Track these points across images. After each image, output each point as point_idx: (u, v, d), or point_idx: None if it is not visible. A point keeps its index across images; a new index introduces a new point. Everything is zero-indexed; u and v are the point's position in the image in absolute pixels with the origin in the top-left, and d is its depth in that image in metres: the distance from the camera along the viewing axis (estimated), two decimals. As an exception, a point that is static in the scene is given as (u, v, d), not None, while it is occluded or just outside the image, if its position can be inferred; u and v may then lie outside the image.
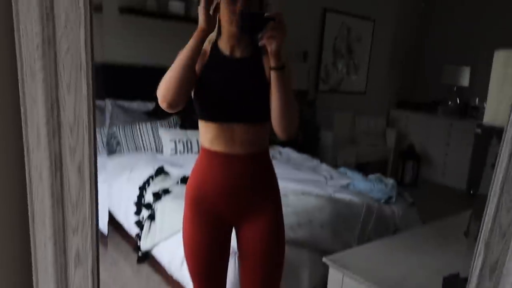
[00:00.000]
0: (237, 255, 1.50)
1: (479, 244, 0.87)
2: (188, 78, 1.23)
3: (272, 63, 1.21)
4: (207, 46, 1.31)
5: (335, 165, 3.80)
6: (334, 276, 1.55)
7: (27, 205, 0.69)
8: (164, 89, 1.22)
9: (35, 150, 0.66)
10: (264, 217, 1.38)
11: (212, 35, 1.30)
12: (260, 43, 1.19)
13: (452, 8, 5.41)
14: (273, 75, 1.22)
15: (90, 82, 0.65)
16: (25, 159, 0.68)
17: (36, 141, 0.66)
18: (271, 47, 1.17)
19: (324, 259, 1.58)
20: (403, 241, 1.81)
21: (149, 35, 3.36)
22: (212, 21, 1.21)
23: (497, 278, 0.88)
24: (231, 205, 1.36)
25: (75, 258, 0.71)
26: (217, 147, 1.31)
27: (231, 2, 1.22)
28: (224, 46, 1.30)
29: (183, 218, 1.41)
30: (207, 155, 1.35)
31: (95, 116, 0.68)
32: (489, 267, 0.87)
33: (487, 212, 0.84)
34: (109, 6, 3.12)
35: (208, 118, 1.31)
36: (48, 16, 0.61)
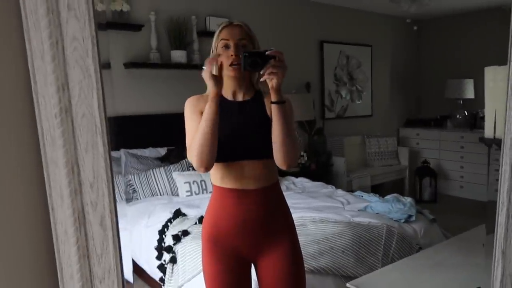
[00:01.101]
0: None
1: (496, 254, 0.88)
2: (216, 141, 1.28)
3: (273, 98, 1.28)
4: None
5: (350, 190, 3.79)
6: (360, 302, 1.53)
7: (55, 261, 0.74)
8: (199, 157, 1.26)
9: (59, 208, 0.71)
10: (281, 249, 1.41)
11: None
12: (261, 79, 1.28)
13: (441, 28, 5.55)
14: (274, 109, 1.29)
15: (106, 140, 0.71)
16: (50, 217, 0.73)
17: (60, 200, 0.71)
18: (272, 83, 1.25)
19: (348, 284, 1.57)
20: (426, 259, 1.79)
21: (154, 84, 3.50)
22: (220, 81, 1.28)
23: (519, 286, 0.88)
24: (247, 240, 1.39)
25: (104, 308, 0.74)
26: (228, 184, 1.37)
27: (225, 49, 1.33)
28: (226, 93, 1.39)
29: (202, 257, 1.44)
30: (220, 193, 1.39)
31: (112, 170, 0.74)
32: (509, 276, 0.88)
33: (499, 221, 0.86)
34: (115, 63, 3.28)
35: (218, 158, 1.36)
36: (63, 87, 0.68)
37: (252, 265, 1.47)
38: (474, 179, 4.93)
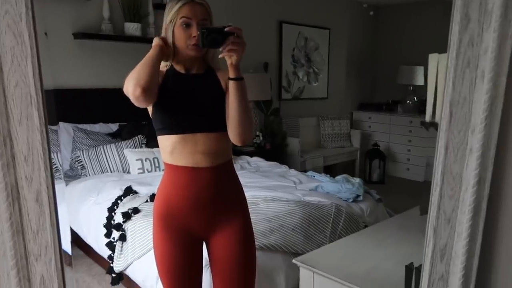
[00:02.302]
0: (209, 267, 1.52)
1: (428, 230, 0.95)
2: (157, 65, 1.26)
3: (232, 74, 1.28)
4: (163, 68, 1.36)
5: (304, 170, 3.88)
6: (305, 276, 1.59)
7: (-13, 238, 0.70)
8: (136, 76, 1.21)
9: (-9, 183, 0.67)
10: (233, 227, 1.42)
11: (166, 62, 1.36)
12: (220, 56, 1.27)
13: (396, 15, 5.70)
14: (232, 86, 1.29)
15: (42, 112, 0.67)
16: (-18, 192, 0.69)
17: (-9, 174, 0.67)
18: (231, 59, 1.25)
19: (294, 260, 1.63)
20: (370, 236, 1.88)
21: (106, 57, 3.35)
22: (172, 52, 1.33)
23: (447, 260, 0.95)
24: (198, 218, 1.39)
25: (40, 285, 0.72)
26: (181, 161, 1.35)
27: (186, 28, 1.29)
28: (179, 67, 1.37)
29: (153, 235, 1.43)
30: (172, 171, 1.38)
31: (49, 143, 0.70)
32: (439, 251, 0.94)
33: (432, 201, 0.91)
34: (63, 33, 3.09)
35: (170, 130, 1.34)
36: (-6, 52, 0.63)
37: (204, 243, 1.48)
38: (419, 161, 5.21)
